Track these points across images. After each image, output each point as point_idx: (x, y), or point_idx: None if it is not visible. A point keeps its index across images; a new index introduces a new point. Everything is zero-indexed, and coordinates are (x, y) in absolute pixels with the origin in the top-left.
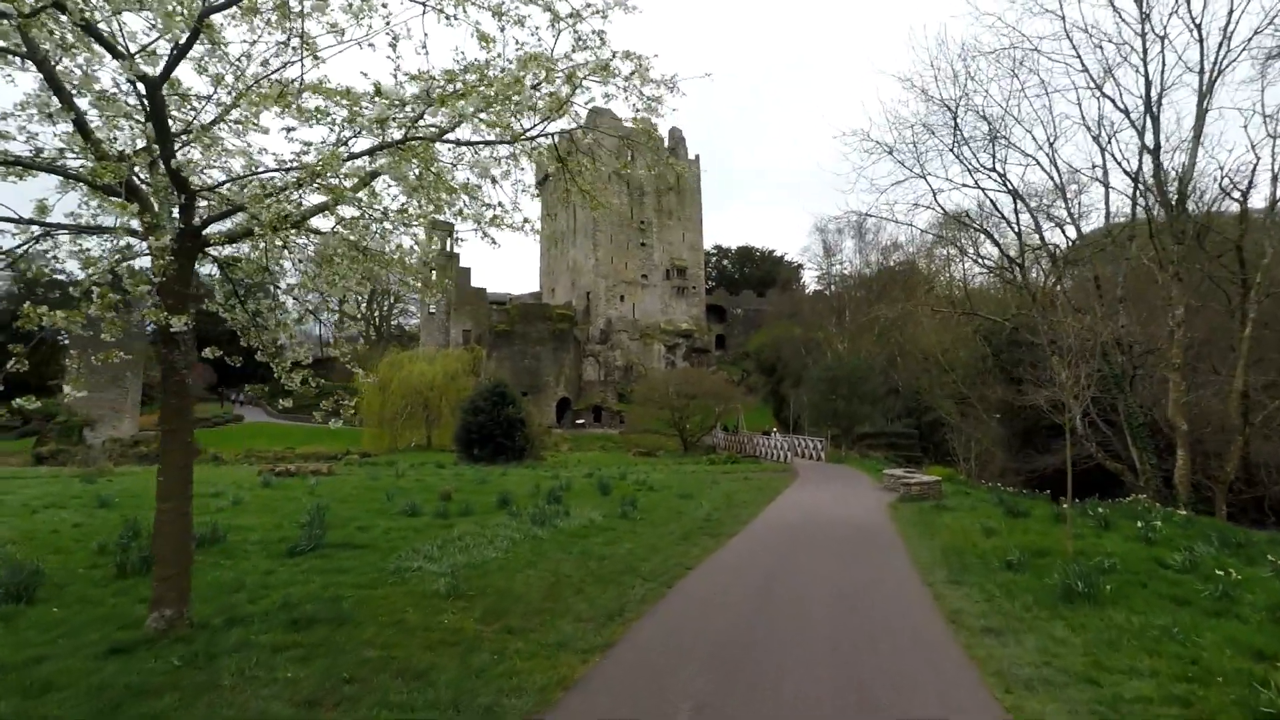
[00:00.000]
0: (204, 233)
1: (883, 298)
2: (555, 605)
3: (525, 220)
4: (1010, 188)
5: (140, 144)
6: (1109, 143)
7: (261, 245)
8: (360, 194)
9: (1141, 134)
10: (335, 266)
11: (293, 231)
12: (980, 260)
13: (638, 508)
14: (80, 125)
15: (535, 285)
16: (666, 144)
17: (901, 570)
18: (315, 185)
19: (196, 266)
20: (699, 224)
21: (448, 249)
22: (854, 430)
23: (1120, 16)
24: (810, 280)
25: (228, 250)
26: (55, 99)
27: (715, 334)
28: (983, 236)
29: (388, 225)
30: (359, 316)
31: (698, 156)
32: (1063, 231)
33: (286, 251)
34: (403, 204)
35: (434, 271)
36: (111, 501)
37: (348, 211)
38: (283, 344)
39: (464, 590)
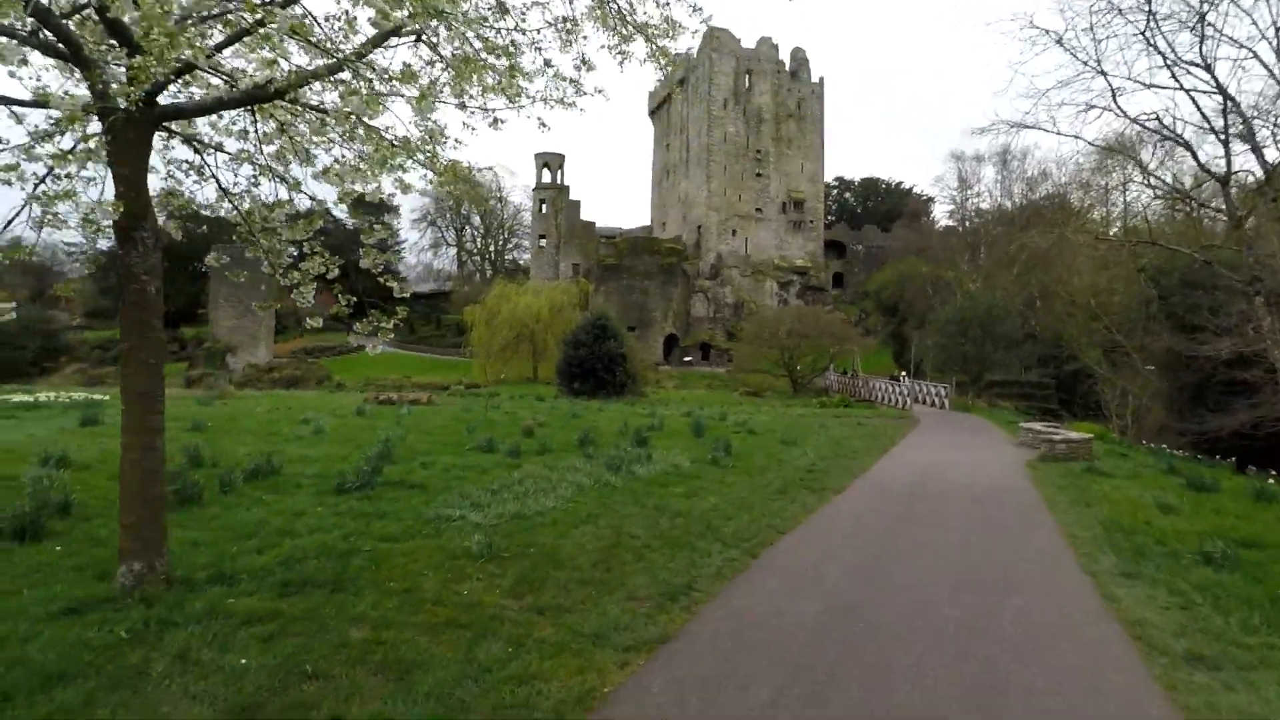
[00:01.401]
0: (160, 101)
1: (1025, 232)
2: (607, 576)
3: (578, 93)
4: (1219, 84)
5: None
6: None
7: (241, 121)
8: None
9: None
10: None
11: (277, 104)
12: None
13: (731, 454)
14: None
15: (646, 219)
16: (788, 66)
17: (1051, 551)
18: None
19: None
20: (820, 154)
21: (558, 181)
22: (983, 377)
23: None
24: (941, 215)
25: (206, 129)
26: None
27: (833, 271)
28: (1158, 159)
29: (394, 93)
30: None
31: (821, 80)
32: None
33: (262, 128)
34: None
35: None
36: (205, 426)
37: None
38: (289, 250)
39: (500, 550)
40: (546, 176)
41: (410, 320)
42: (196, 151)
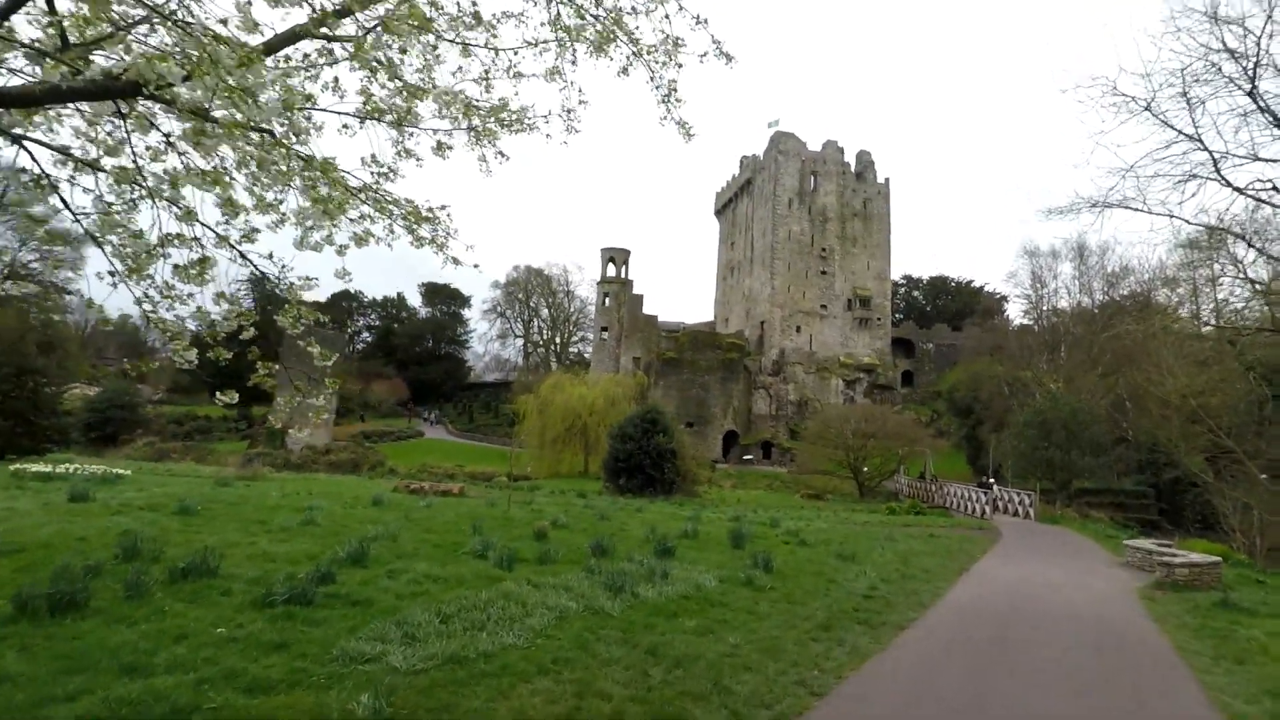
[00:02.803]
0: None
1: (1108, 331)
2: None
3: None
4: None
5: None
6: None
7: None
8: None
9: None
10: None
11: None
12: (1256, 279)
13: (772, 571)
14: None
15: (710, 315)
16: (854, 167)
17: None
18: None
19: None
20: (887, 251)
21: (622, 275)
22: (1071, 485)
23: None
24: (1016, 313)
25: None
26: None
27: (901, 370)
28: (1254, 253)
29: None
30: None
31: (887, 180)
32: None
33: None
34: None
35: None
36: (194, 510)
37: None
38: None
39: (394, 718)
40: (611, 271)
41: (470, 409)
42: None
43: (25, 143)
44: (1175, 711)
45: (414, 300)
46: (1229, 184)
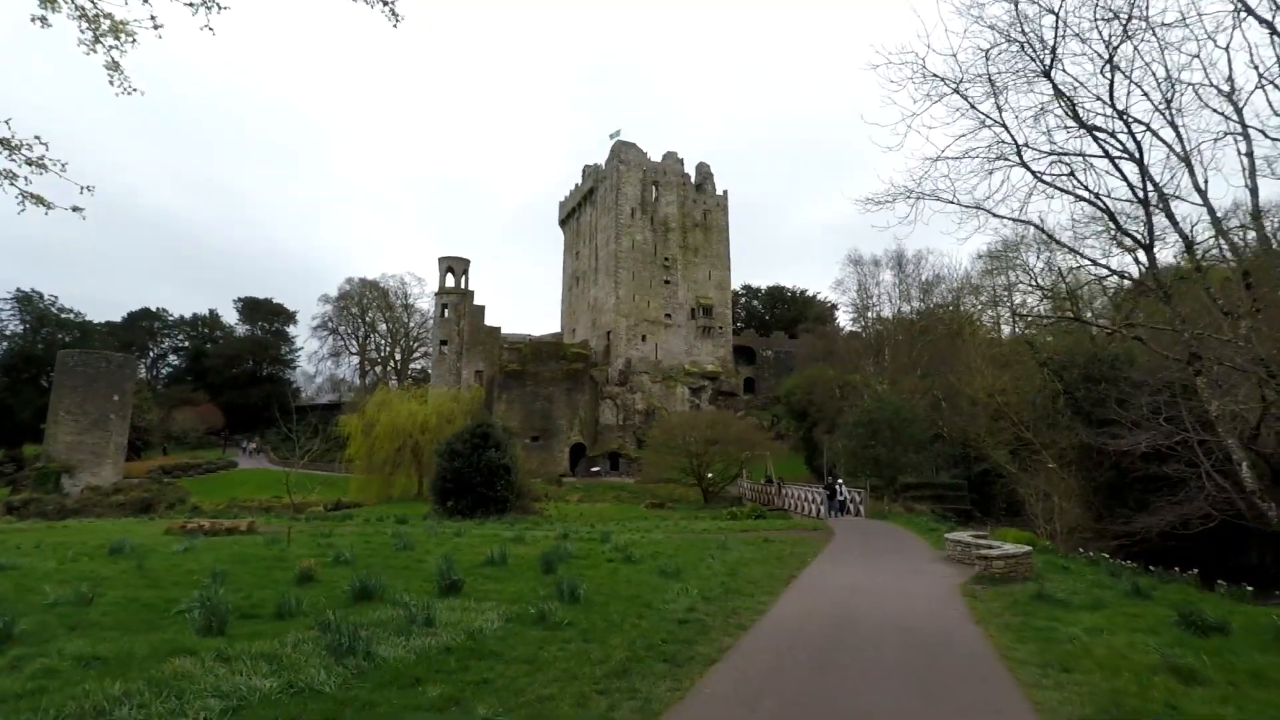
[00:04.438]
0: None
1: (925, 337)
2: None
3: None
4: (1133, 144)
5: None
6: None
7: None
8: None
9: None
10: None
11: None
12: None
13: (579, 600)
14: None
15: (558, 326)
16: (694, 179)
17: None
18: None
19: None
20: (727, 261)
21: (462, 285)
22: (897, 480)
23: None
24: (845, 320)
25: None
26: None
27: (744, 377)
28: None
29: None
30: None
31: (725, 192)
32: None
33: None
34: None
35: None
36: None
37: None
38: None
39: None
40: (450, 281)
41: (297, 434)
42: None
43: None
44: None
45: (230, 318)
46: (1030, 170)
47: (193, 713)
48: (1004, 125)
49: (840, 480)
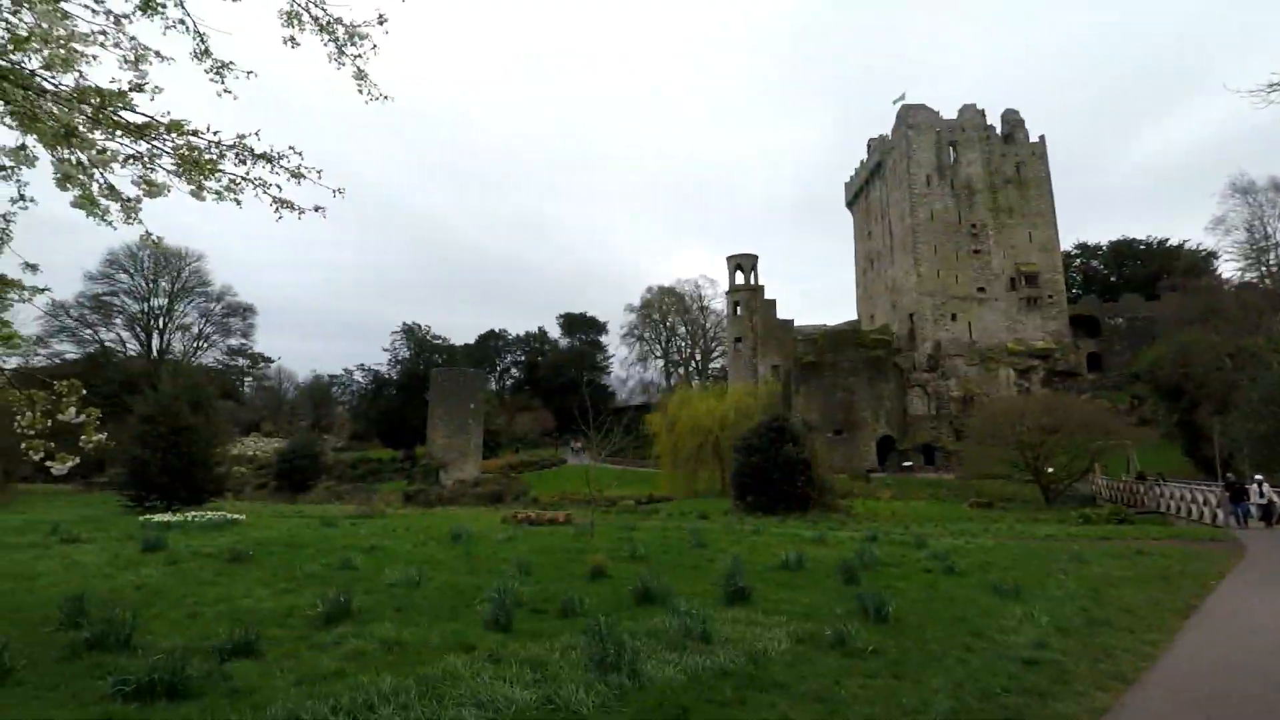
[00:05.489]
0: None
1: None
2: None
3: None
4: None
5: None
6: None
7: None
8: None
9: None
10: None
11: None
12: None
13: (887, 619)
14: None
15: (853, 313)
16: (999, 130)
17: None
18: None
19: None
20: (1051, 219)
21: (751, 281)
22: None
23: None
24: (1230, 269)
25: None
26: None
27: (1086, 353)
28: None
29: None
30: None
31: (1042, 138)
32: None
33: None
34: None
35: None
36: (247, 557)
37: None
38: None
39: None
40: (740, 278)
41: (613, 433)
42: None
43: None
44: None
45: (554, 332)
46: None
47: (445, 719)
48: None
49: (1260, 477)
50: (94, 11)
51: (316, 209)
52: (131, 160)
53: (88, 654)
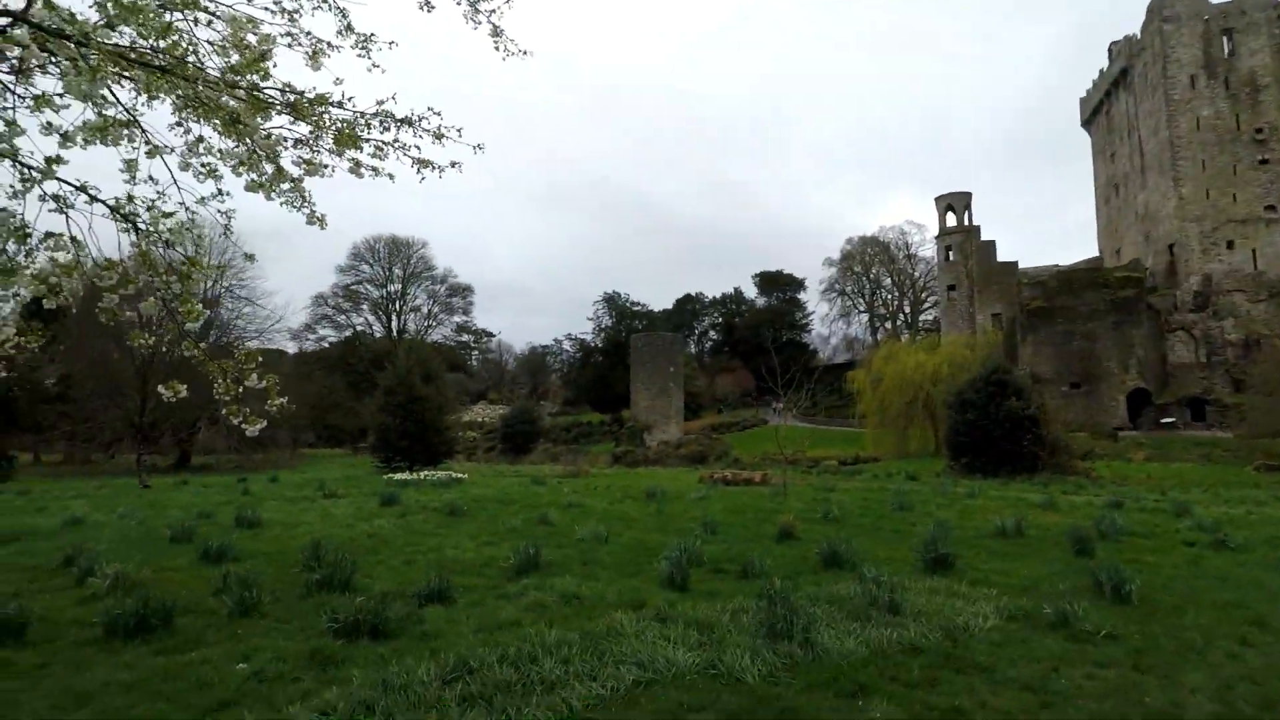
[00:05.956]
0: None
1: None
2: None
3: None
4: None
5: None
6: None
7: None
8: None
9: None
10: None
11: None
12: None
13: (1127, 598)
14: None
15: (1092, 250)
16: None
17: None
18: None
19: None
20: None
21: (965, 223)
22: None
23: None
24: None
25: None
26: None
27: None
28: None
29: None
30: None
31: None
32: None
33: None
34: None
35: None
36: (462, 511)
37: None
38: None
39: None
40: (951, 220)
41: (814, 393)
42: None
43: None
44: None
45: (750, 292)
46: None
47: (603, 678)
48: None
49: None
50: (272, 12)
51: (453, 165)
52: (299, 144)
53: (317, 593)
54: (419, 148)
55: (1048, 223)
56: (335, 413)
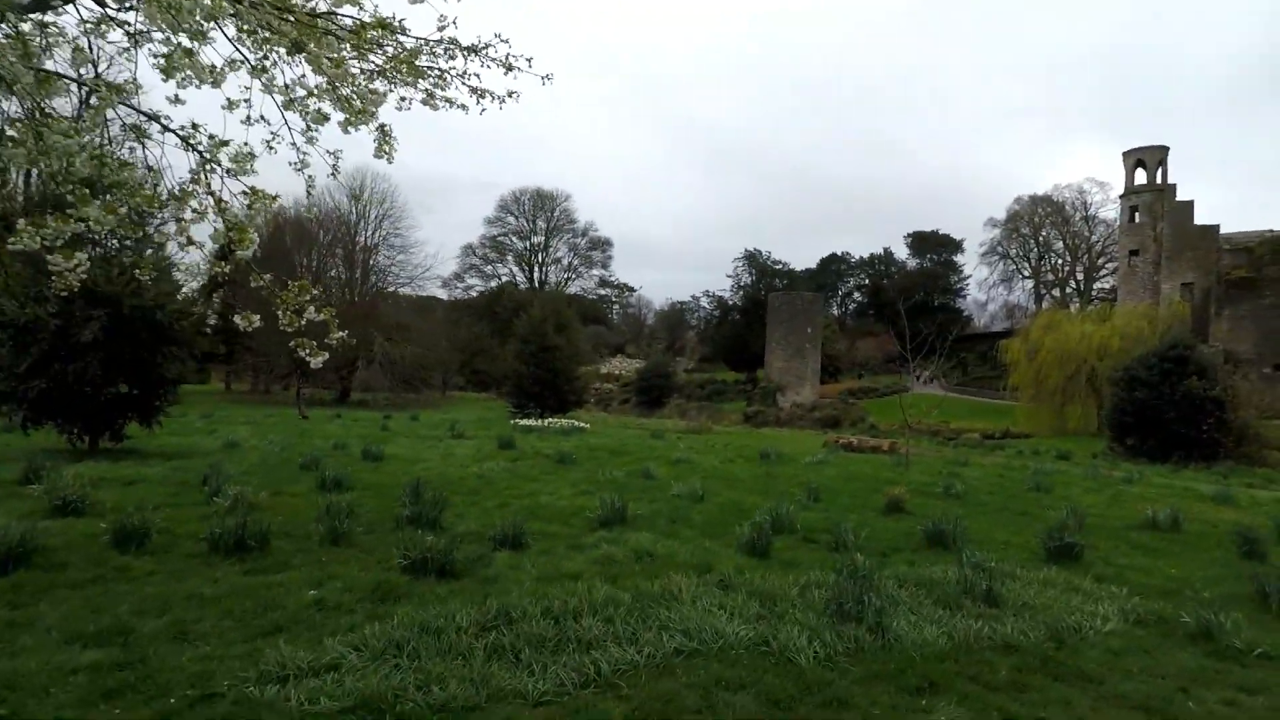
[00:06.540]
0: None
1: None
2: None
3: None
4: None
5: None
6: None
7: None
8: None
9: None
10: None
11: None
12: None
13: None
14: None
15: None
16: None
17: None
18: None
19: None
20: None
21: (1157, 181)
22: None
23: None
24: None
25: None
26: None
27: None
28: None
29: None
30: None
31: None
32: None
33: None
34: None
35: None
36: (571, 459)
37: None
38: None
39: None
40: (1141, 177)
41: (964, 361)
42: None
43: None
44: None
45: (901, 253)
46: None
47: (643, 643)
48: None
49: None
50: None
51: (510, 94)
52: (374, 74)
53: (407, 529)
54: (479, 76)
55: (1270, 182)
56: (482, 358)
